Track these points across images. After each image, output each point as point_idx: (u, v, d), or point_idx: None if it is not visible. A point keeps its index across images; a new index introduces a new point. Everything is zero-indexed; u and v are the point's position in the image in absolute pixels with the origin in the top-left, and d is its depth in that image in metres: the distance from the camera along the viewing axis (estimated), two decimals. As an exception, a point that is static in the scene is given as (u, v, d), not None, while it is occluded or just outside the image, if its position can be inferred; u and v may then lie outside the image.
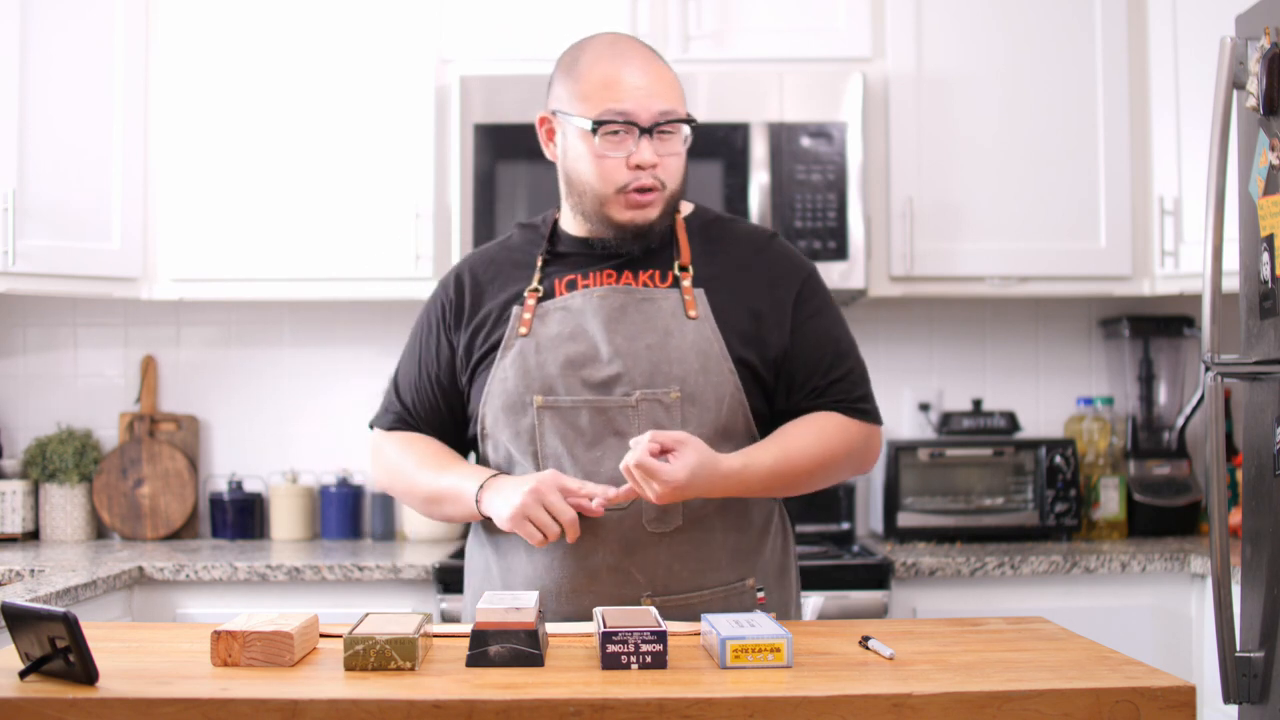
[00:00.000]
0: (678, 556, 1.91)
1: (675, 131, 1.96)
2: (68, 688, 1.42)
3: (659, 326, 1.94)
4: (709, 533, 1.93)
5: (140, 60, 3.19)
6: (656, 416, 1.90)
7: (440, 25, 3.20)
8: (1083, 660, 1.58)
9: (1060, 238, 3.21)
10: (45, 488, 3.36)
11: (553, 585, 1.91)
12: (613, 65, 1.94)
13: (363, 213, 3.18)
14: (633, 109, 1.92)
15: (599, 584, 1.90)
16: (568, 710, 1.38)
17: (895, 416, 3.54)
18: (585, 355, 1.93)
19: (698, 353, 1.93)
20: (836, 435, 1.98)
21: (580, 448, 1.91)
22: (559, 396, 1.92)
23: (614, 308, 1.95)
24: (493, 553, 2.00)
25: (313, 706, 1.38)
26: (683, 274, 1.98)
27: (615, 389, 1.91)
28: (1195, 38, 3.14)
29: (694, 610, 1.89)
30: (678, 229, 2.03)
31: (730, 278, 2.00)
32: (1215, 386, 2.23)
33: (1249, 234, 2.28)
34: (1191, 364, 3.49)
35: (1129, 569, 2.92)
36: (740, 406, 1.95)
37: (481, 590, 2.00)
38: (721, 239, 2.05)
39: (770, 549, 2.01)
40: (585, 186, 1.96)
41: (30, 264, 3.01)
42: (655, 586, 1.90)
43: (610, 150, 1.92)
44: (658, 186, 1.94)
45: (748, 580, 1.97)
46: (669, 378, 1.91)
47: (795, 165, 3.12)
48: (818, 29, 3.22)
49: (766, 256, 2.04)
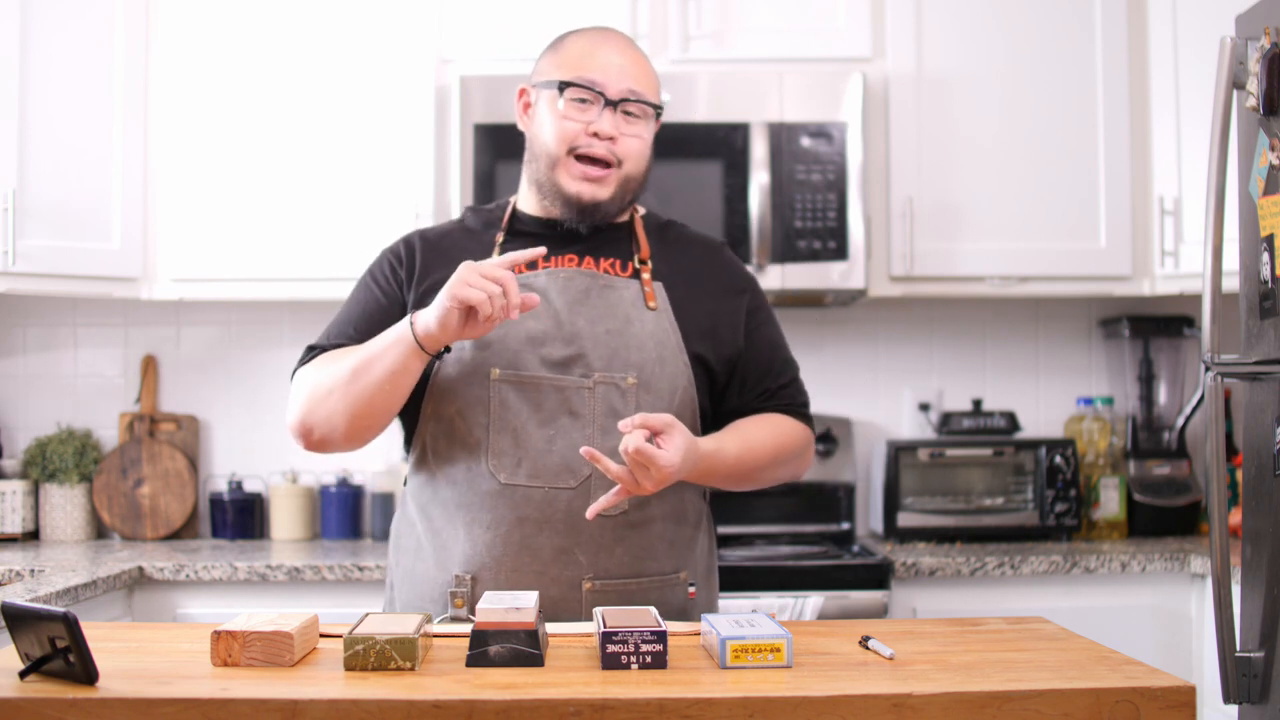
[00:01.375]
0: (620, 541, 1.92)
1: (642, 115, 2.00)
2: (68, 688, 1.42)
3: (620, 314, 1.96)
4: (650, 521, 1.94)
5: (140, 60, 3.19)
6: (612, 400, 1.92)
7: (440, 25, 3.20)
8: (1083, 660, 1.58)
9: (1060, 238, 3.21)
10: (45, 488, 3.36)
11: (492, 562, 1.90)
12: (592, 43, 2.02)
13: (363, 213, 3.18)
14: (602, 80, 1.97)
15: (541, 564, 1.90)
16: (568, 710, 1.38)
17: (895, 416, 3.55)
18: (546, 333, 1.94)
19: (655, 342, 1.96)
20: (788, 434, 2.04)
21: (534, 424, 1.91)
22: (518, 371, 1.92)
23: (578, 290, 1.97)
24: (425, 530, 1.96)
25: (313, 706, 1.38)
26: (643, 266, 2.02)
27: (573, 369, 1.93)
28: (1195, 38, 3.14)
29: (631, 598, 1.91)
30: (636, 225, 2.07)
31: (686, 277, 2.04)
32: (1215, 386, 2.23)
33: (1249, 234, 2.28)
34: (1191, 364, 3.49)
35: (1129, 569, 2.92)
36: (691, 400, 1.98)
37: (414, 570, 1.97)
38: (676, 241, 2.10)
39: (700, 544, 2.04)
40: (542, 149, 2.00)
41: (30, 264, 3.01)
42: (596, 570, 1.91)
43: (573, 113, 1.97)
44: (612, 161, 1.97)
45: (681, 573, 1.98)
46: (626, 364, 1.93)
47: (795, 165, 3.12)
48: (818, 29, 3.22)
49: (718, 262, 2.11)
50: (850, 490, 3.41)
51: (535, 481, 1.90)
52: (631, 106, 1.98)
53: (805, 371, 2.16)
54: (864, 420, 3.53)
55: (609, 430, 1.90)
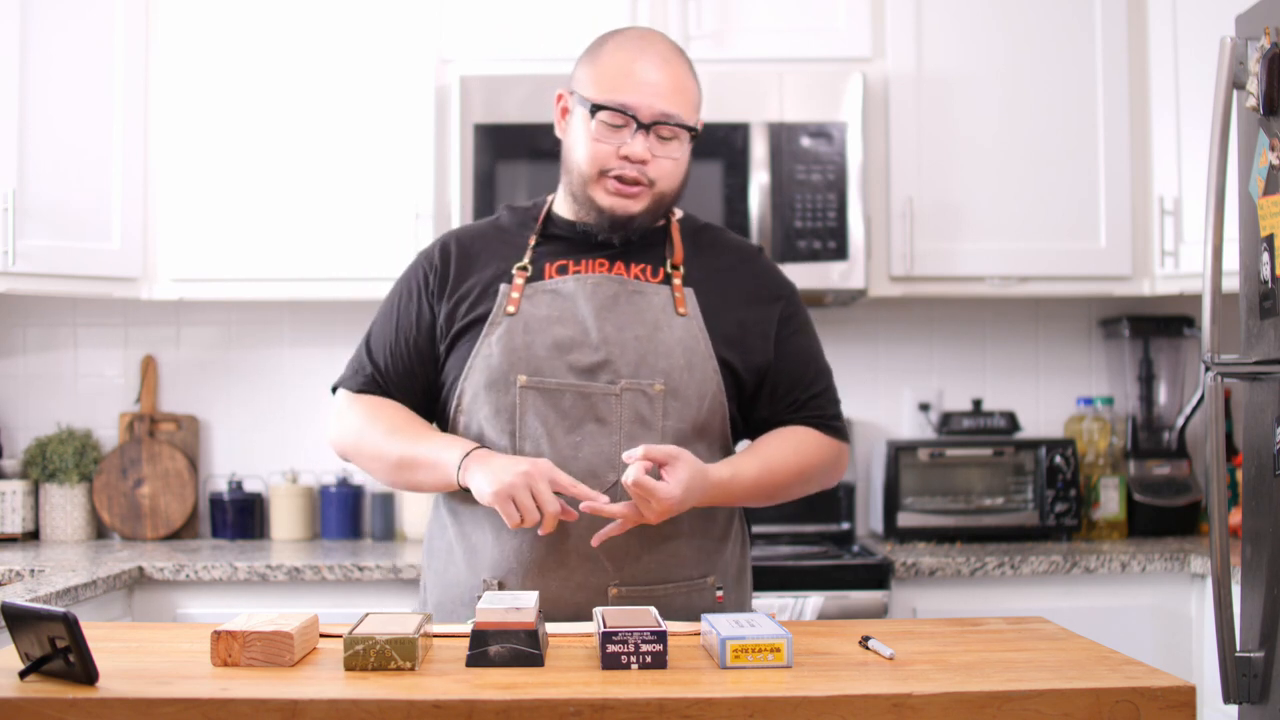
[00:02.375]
0: (647, 548, 1.92)
1: (675, 136, 1.97)
2: (68, 688, 1.42)
3: (648, 319, 1.95)
4: (677, 528, 1.94)
5: (140, 60, 3.19)
6: (639, 407, 1.91)
7: (440, 25, 3.20)
8: (1083, 660, 1.58)
9: (1060, 238, 3.21)
10: (45, 488, 3.36)
11: (520, 568, 1.91)
12: (630, 57, 1.96)
13: (363, 213, 3.18)
14: (635, 103, 1.93)
15: (567, 569, 1.90)
16: (568, 710, 1.38)
17: (895, 416, 3.54)
18: (573, 340, 1.94)
19: (684, 349, 1.95)
20: (813, 450, 2.02)
21: (560, 431, 1.91)
22: (544, 378, 1.92)
23: (606, 296, 1.96)
24: (456, 535, 1.99)
25: (313, 706, 1.38)
26: (674, 272, 2.00)
27: (600, 376, 1.92)
28: (1195, 38, 3.14)
29: (657, 602, 1.91)
30: (672, 229, 2.05)
31: (718, 283, 2.03)
32: (1215, 386, 2.23)
33: (1249, 234, 2.28)
34: (1191, 364, 3.49)
35: (1129, 569, 2.92)
36: (720, 408, 1.97)
37: (445, 574, 1.99)
38: (711, 246, 2.08)
39: (730, 550, 2.03)
40: (575, 165, 1.99)
41: (30, 264, 3.01)
42: (623, 575, 1.91)
43: (605, 136, 1.95)
44: (643, 181, 1.96)
45: (709, 578, 1.98)
46: (654, 370, 1.93)
47: (795, 165, 3.12)
48: (818, 29, 3.22)
49: (753, 269, 2.08)
50: (850, 490, 3.41)
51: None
52: (664, 129, 1.95)
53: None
54: (864, 420, 3.53)
55: (635, 436, 1.90)
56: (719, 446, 2.00)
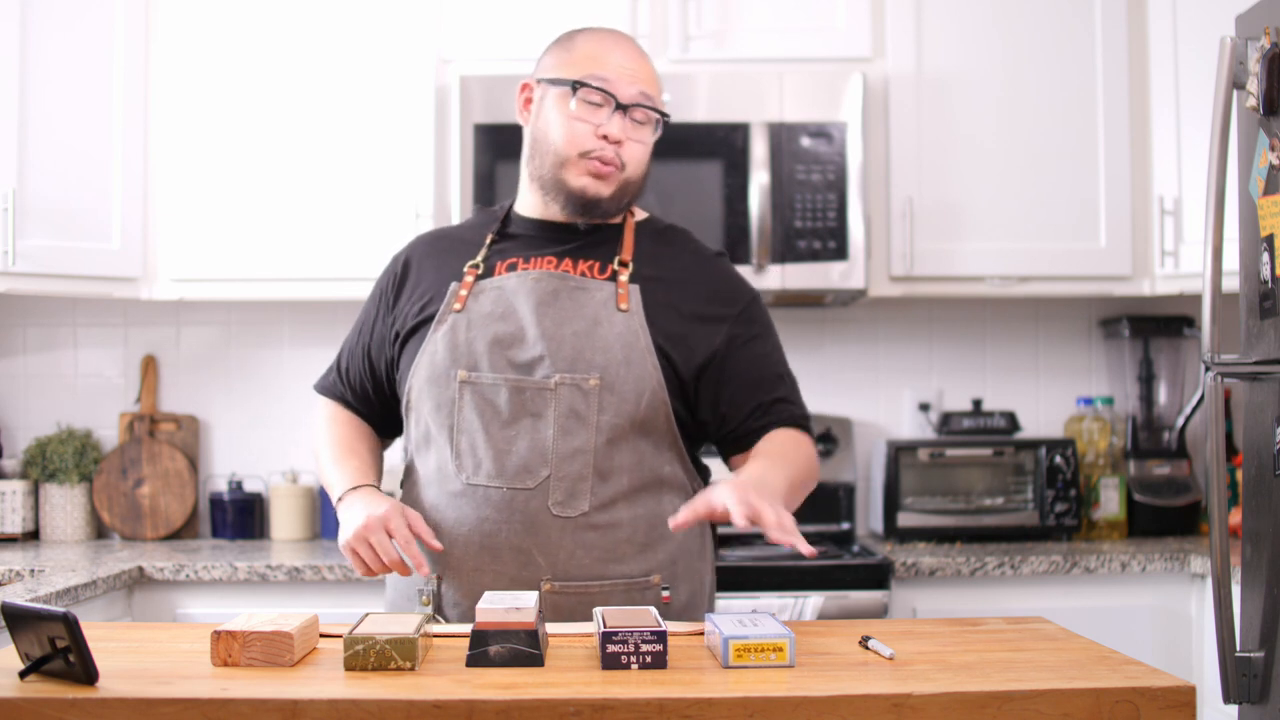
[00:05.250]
0: (581, 544, 1.91)
1: (647, 121, 2.02)
2: (68, 688, 1.42)
3: (588, 315, 1.96)
4: (615, 523, 1.93)
5: (140, 60, 3.19)
6: (574, 402, 1.92)
7: (440, 25, 3.20)
8: (1083, 660, 1.58)
9: (1060, 238, 3.21)
10: (45, 488, 3.36)
11: (456, 563, 1.93)
12: (603, 44, 2.03)
13: (363, 213, 3.18)
14: (615, 81, 1.99)
15: (500, 564, 1.91)
16: (568, 710, 1.38)
17: (895, 416, 3.55)
18: (512, 335, 1.96)
19: (622, 344, 1.95)
20: (806, 450, 2.02)
21: (496, 425, 1.93)
22: (481, 373, 1.95)
23: (546, 291, 1.97)
24: None
25: (313, 706, 1.38)
26: (621, 268, 2.01)
27: (536, 371, 1.94)
28: (1195, 38, 3.14)
29: (593, 600, 1.90)
30: (626, 227, 2.07)
31: (669, 281, 2.03)
32: (1215, 386, 2.23)
33: (1249, 234, 2.28)
34: (1191, 364, 3.49)
35: (1129, 569, 2.92)
36: (663, 405, 1.96)
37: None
38: (669, 245, 2.09)
39: (682, 548, 2.00)
40: (549, 147, 2.01)
41: (30, 264, 3.01)
42: (556, 571, 1.91)
43: (584, 115, 1.98)
44: (617, 164, 1.99)
45: (652, 577, 1.96)
46: (590, 365, 1.93)
47: (795, 165, 3.12)
48: (818, 29, 3.22)
49: (710, 271, 2.08)
50: (850, 490, 3.41)
51: (495, 482, 1.91)
52: (639, 113, 2.00)
53: (805, 372, 2.16)
54: (864, 420, 3.53)
55: (569, 431, 1.91)
56: (666, 445, 1.98)
